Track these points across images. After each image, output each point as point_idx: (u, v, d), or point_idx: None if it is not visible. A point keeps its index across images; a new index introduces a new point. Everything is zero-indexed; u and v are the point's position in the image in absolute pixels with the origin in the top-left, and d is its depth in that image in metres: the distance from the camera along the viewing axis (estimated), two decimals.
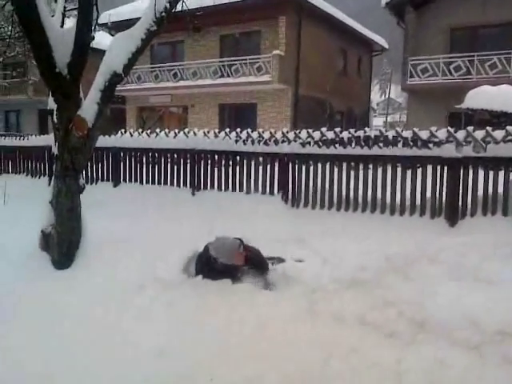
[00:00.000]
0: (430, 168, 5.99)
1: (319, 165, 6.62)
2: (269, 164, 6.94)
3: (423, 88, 17.30)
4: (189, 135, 12.99)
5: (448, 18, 17.11)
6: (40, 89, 22.78)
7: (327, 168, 6.56)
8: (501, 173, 5.68)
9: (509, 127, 9.68)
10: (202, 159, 7.51)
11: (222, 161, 7.36)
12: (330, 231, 5.47)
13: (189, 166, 7.59)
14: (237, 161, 7.23)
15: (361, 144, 10.04)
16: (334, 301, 3.61)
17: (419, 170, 6.08)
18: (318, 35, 20.13)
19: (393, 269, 4.05)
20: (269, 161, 6.95)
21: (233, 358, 2.97)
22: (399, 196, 6.12)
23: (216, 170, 7.39)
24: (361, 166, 6.39)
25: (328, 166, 6.57)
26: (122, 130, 14.49)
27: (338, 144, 9.65)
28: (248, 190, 7.09)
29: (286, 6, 18.17)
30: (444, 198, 5.87)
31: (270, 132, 12.35)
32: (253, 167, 7.06)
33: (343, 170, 6.47)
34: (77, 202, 4.60)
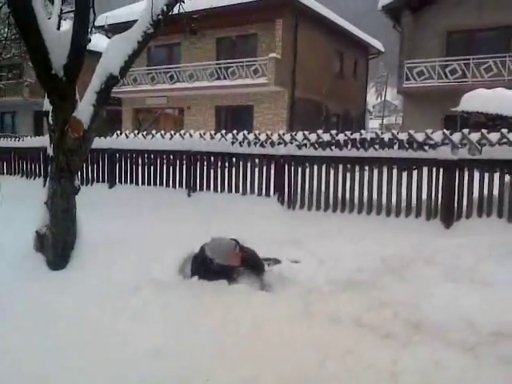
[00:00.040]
0: (425, 170, 6.01)
1: (315, 167, 6.63)
2: (265, 166, 6.95)
3: (419, 91, 17.37)
4: (185, 137, 12.96)
5: (444, 21, 17.21)
6: (36, 90, 22.75)
7: (323, 170, 6.58)
8: (496, 175, 5.70)
9: (504, 130, 9.73)
10: (197, 161, 7.51)
11: (218, 162, 7.36)
12: (326, 232, 5.47)
13: (185, 167, 7.59)
14: (233, 162, 7.23)
15: (357, 146, 10.02)
16: (330, 302, 3.60)
17: (415, 171, 6.10)
18: (315, 38, 20.19)
19: (389, 270, 4.05)
20: (265, 162, 6.96)
21: (229, 359, 2.96)
22: (395, 198, 6.14)
23: (212, 171, 7.40)
24: (357, 167, 6.41)
25: (324, 167, 6.58)
26: (118, 132, 14.45)
27: (334, 146, 9.65)
28: (244, 192, 7.09)
29: (282, 9, 18.22)
30: (439, 200, 5.89)
31: (267, 134, 12.35)
32: (249, 169, 7.06)
33: (339, 172, 6.49)
34: (72, 203, 4.59)
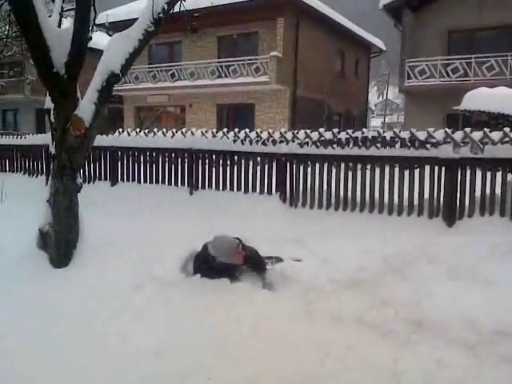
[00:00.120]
0: (427, 168, 6.01)
1: (317, 165, 6.63)
2: (267, 164, 6.95)
3: (420, 89, 17.35)
4: (187, 135, 12.96)
5: (445, 20, 17.18)
6: (37, 88, 22.75)
7: (325, 168, 6.57)
8: (498, 174, 5.70)
9: (506, 129, 9.72)
10: (199, 159, 7.51)
11: (219, 160, 7.36)
12: (328, 231, 5.47)
13: (186, 165, 7.59)
14: (235, 160, 7.23)
15: (358, 145, 10.04)
16: (332, 300, 3.60)
17: (417, 170, 6.10)
18: (316, 37, 20.16)
19: (390, 269, 4.05)
20: (267, 161, 6.96)
21: (230, 357, 2.96)
22: (397, 196, 6.13)
23: (214, 169, 7.39)
24: (359, 166, 6.41)
25: (326, 166, 6.58)
26: (120, 130, 14.47)
27: (335, 144, 9.66)
28: (246, 190, 7.09)
29: (284, 7, 18.18)
30: (442, 199, 5.88)
31: (268, 132, 12.35)
32: (251, 167, 7.06)
33: (341, 171, 6.48)
34: (74, 201, 4.59)
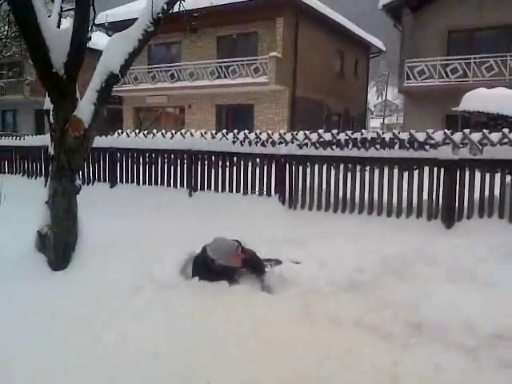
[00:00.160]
0: (426, 170, 6.00)
1: (316, 166, 6.62)
2: (266, 165, 6.94)
3: (420, 90, 17.36)
4: (186, 136, 12.95)
5: (445, 20, 17.19)
6: (36, 89, 22.74)
7: (324, 169, 6.57)
8: (497, 175, 5.69)
9: (505, 130, 9.71)
10: (198, 160, 7.50)
11: (219, 162, 7.36)
12: (327, 233, 5.46)
13: (186, 166, 7.58)
14: (234, 162, 7.23)
15: (358, 146, 10.04)
16: (331, 303, 3.60)
17: (416, 171, 6.09)
18: (316, 37, 20.17)
19: (389, 271, 4.05)
20: (266, 162, 6.96)
21: (229, 360, 2.96)
22: (396, 198, 6.13)
23: (213, 170, 7.39)
24: (358, 167, 6.41)
25: (325, 167, 6.57)
26: (119, 131, 14.45)
27: (335, 146, 9.66)
28: (245, 191, 7.09)
29: (283, 7, 18.19)
30: (441, 200, 5.88)
31: (268, 133, 12.34)
32: (250, 168, 7.06)
33: (340, 172, 6.48)
34: (73, 202, 4.59)
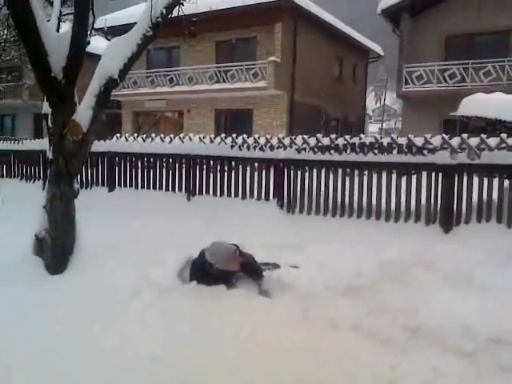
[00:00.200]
0: (424, 175, 6.01)
1: (314, 171, 6.63)
2: (264, 170, 6.94)
3: (418, 95, 17.40)
4: (184, 140, 12.96)
5: (443, 25, 17.25)
6: (35, 93, 22.71)
7: (322, 174, 6.57)
8: (495, 180, 5.70)
9: (503, 135, 9.74)
10: (197, 164, 7.50)
11: (217, 166, 7.36)
12: (326, 237, 5.46)
13: (184, 171, 7.58)
14: (232, 166, 7.23)
15: (356, 150, 10.05)
16: (329, 307, 3.60)
17: (414, 176, 6.10)
18: (314, 42, 20.24)
19: (388, 275, 4.05)
20: (264, 166, 6.96)
21: (227, 365, 2.95)
22: (394, 202, 6.13)
23: (211, 175, 7.39)
24: (356, 172, 6.41)
25: (323, 172, 6.57)
26: (118, 135, 14.46)
27: (333, 150, 9.67)
28: (243, 196, 7.08)
29: (282, 12, 18.25)
30: (439, 205, 5.88)
31: (266, 138, 12.35)
32: (248, 173, 7.06)
33: (338, 176, 6.48)
34: (71, 206, 4.58)
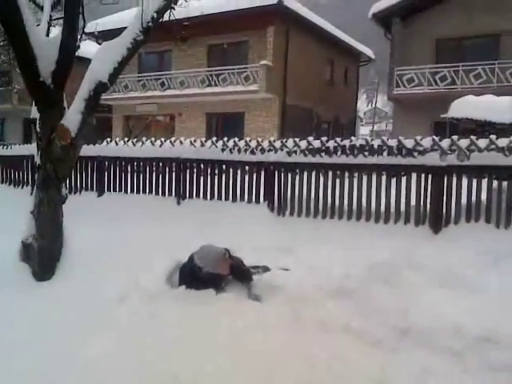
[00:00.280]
0: (414, 176, 6.04)
1: (305, 173, 6.64)
2: (255, 173, 6.94)
3: (409, 98, 17.50)
4: (175, 144, 12.90)
5: (434, 28, 17.38)
6: (25, 97, 22.57)
7: (313, 176, 6.58)
8: (484, 180, 5.74)
9: (492, 136, 9.80)
10: (187, 168, 7.48)
11: (207, 170, 7.34)
12: (316, 239, 5.46)
13: (174, 174, 7.55)
14: (223, 169, 7.22)
15: (346, 153, 10.06)
16: (319, 309, 3.59)
17: (404, 178, 6.12)
18: (306, 45, 20.32)
19: (377, 276, 4.04)
20: (255, 169, 6.96)
21: (217, 369, 2.92)
22: (384, 204, 6.15)
23: (202, 178, 7.37)
24: (346, 174, 6.43)
25: (314, 174, 6.59)
26: (108, 139, 14.37)
27: (323, 153, 9.67)
28: (234, 199, 7.08)
29: (274, 16, 18.32)
30: (428, 206, 5.91)
31: (257, 141, 12.33)
32: (239, 176, 7.05)
33: (329, 179, 6.50)
34: (59, 212, 4.53)
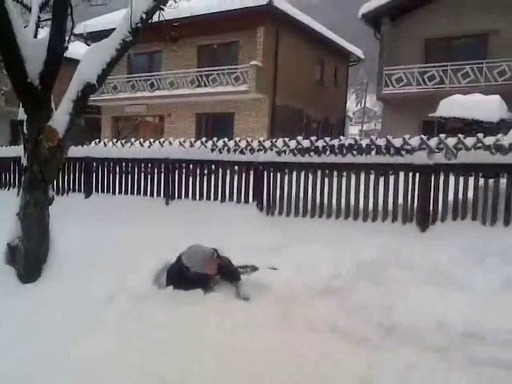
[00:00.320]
0: (402, 175, 6.08)
1: (294, 173, 6.65)
2: (244, 173, 6.94)
3: (397, 97, 17.61)
4: (164, 144, 12.88)
5: (423, 28, 17.49)
6: (12, 99, 22.26)
7: (302, 176, 6.60)
8: (471, 178, 5.79)
9: (479, 134, 9.90)
10: (176, 169, 7.46)
11: (196, 170, 7.33)
12: (304, 238, 5.47)
13: (163, 175, 7.53)
14: (212, 170, 7.21)
15: (335, 152, 10.11)
16: (307, 309, 3.59)
17: (392, 176, 6.16)
18: (296, 46, 20.35)
19: (365, 275, 4.07)
20: (244, 169, 6.96)
21: (205, 370, 2.91)
22: (372, 202, 6.18)
23: (191, 179, 7.35)
24: (335, 173, 6.45)
25: (303, 174, 6.61)
26: (97, 140, 14.31)
27: (312, 152, 9.71)
28: (223, 199, 7.07)
29: (263, 17, 18.33)
30: (415, 204, 5.95)
31: (247, 141, 12.34)
32: (228, 176, 7.04)
33: (317, 178, 6.52)
34: (45, 213, 4.49)
